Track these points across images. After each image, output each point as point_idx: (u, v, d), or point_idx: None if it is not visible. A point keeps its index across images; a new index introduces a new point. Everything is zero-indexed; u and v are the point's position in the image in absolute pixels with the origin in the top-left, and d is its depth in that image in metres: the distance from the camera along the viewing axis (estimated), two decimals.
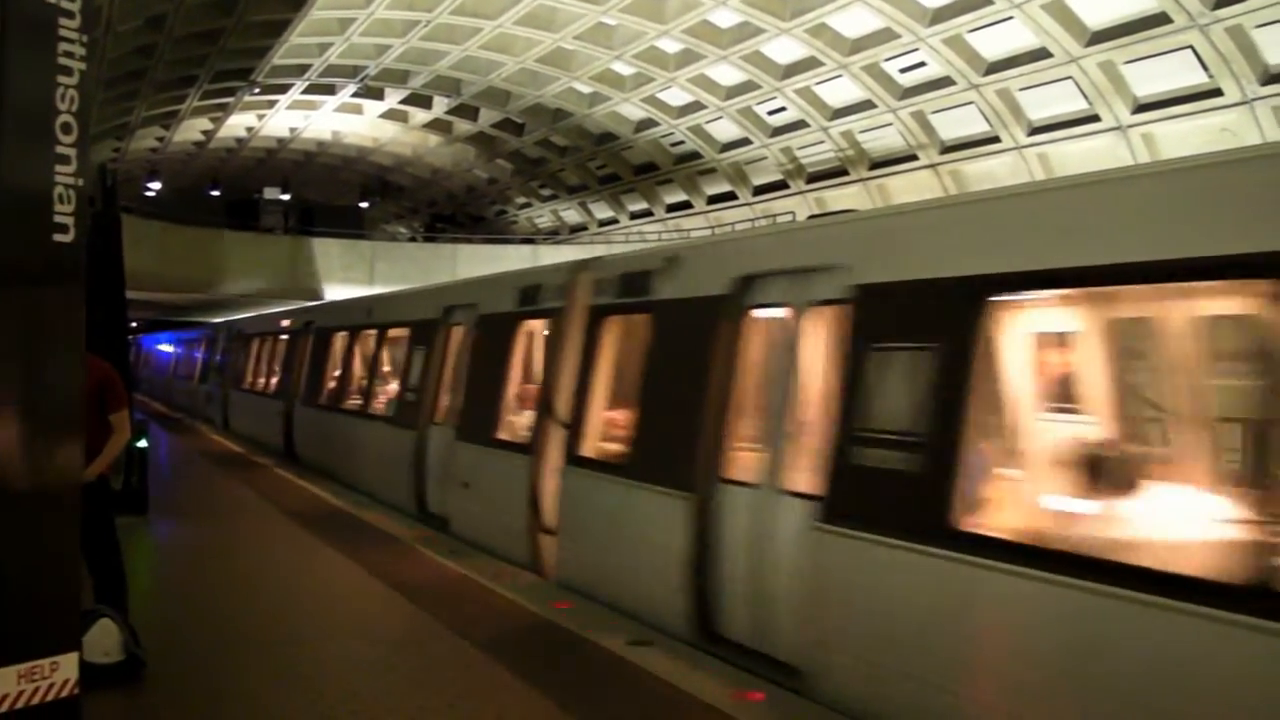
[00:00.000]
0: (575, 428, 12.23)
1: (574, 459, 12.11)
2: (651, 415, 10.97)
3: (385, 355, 21.02)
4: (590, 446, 12.08)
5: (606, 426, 12.28)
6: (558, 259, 41.44)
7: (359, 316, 22.28)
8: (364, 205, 63.81)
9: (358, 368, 22.24)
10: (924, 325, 7.71)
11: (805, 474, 8.72)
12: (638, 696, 8.17)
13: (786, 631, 8.54)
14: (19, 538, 5.44)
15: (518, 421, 14.38)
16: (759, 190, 44.43)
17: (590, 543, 11.71)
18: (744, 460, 9.62)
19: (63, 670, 5.58)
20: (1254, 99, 26.86)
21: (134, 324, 58.10)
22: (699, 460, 9.85)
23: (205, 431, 32.25)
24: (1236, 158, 6.59)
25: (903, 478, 7.51)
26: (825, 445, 8.34)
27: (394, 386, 19.31)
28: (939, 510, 7.11)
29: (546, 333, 14.08)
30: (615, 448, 11.78)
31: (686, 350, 10.41)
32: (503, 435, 14.18)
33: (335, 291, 44.42)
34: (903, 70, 34.08)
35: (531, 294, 14.20)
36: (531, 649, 9.50)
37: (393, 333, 20.28)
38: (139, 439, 15.43)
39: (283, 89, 45.12)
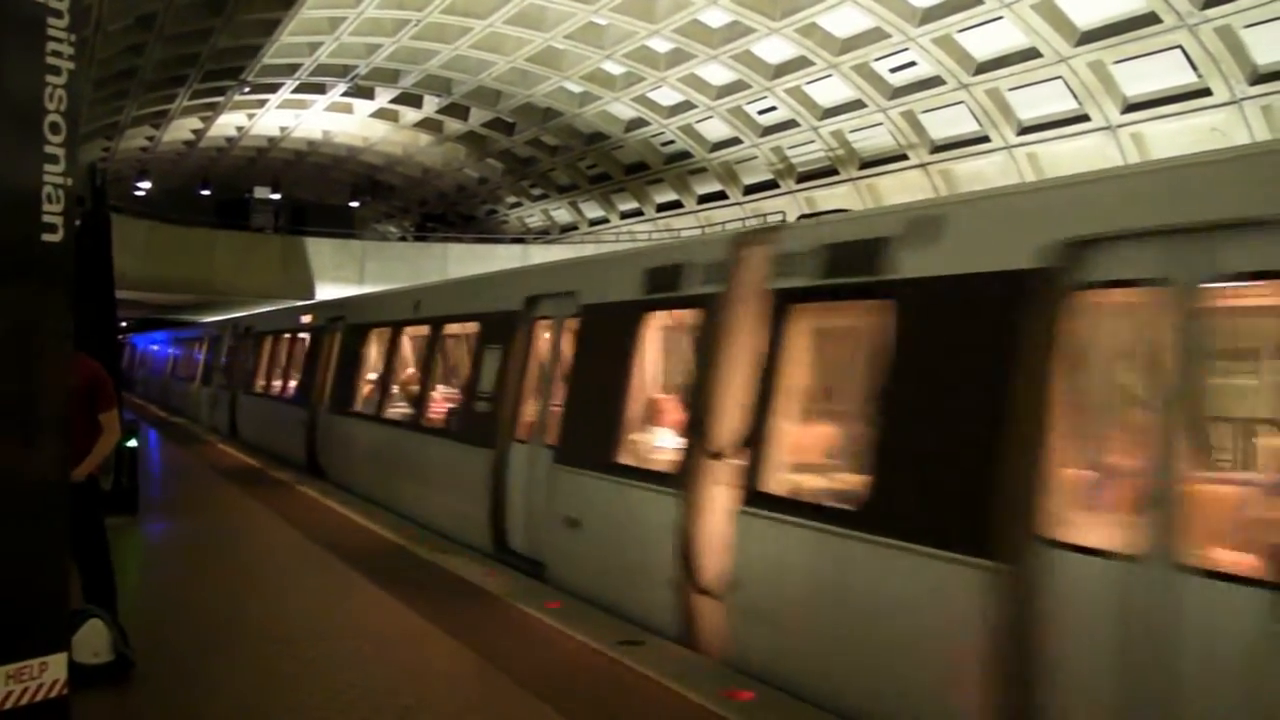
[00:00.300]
0: (756, 454, 8.91)
1: (757, 497, 8.72)
2: (898, 438, 7.58)
3: (442, 356, 17.80)
4: (783, 480, 8.89)
5: (808, 453, 9.51)
6: (548, 259, 41.49)
7: (403, 310, 18.65)
8: (355, 204, 63.76)
9: (404, 370, 19.31)
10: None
11: None
12: None
13: None
14: (7, 538, 5.43)
15: (651, 444, 11.12)
16: (749, 190, 44.46)
17: (789, 616, 8.34)
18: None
19: (51, 671, 5.56)
20: (1243, 99, 26.92)
21: (125, 323, 57.96)
22: (995, 503, 6.63)
23: (211, 440, 28.77)
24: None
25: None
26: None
27: (458, 394, 16.09)
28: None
29: (696, 327, 10.20)
30: (827, 483, 8.85)
31: (958, 348, 7.43)
32: (629, 461, 10.77)
33: (326, 291, 44.36)
34: (893, 70, 34.12)
35: (667, 276, 10.72)
36: None
37: (452, 329, 17.08)
38: (128, 439, 15.37)
39: (273, 88, 45.06)
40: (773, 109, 39.25)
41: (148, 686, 8.26)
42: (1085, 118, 30.72)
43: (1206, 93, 27.60)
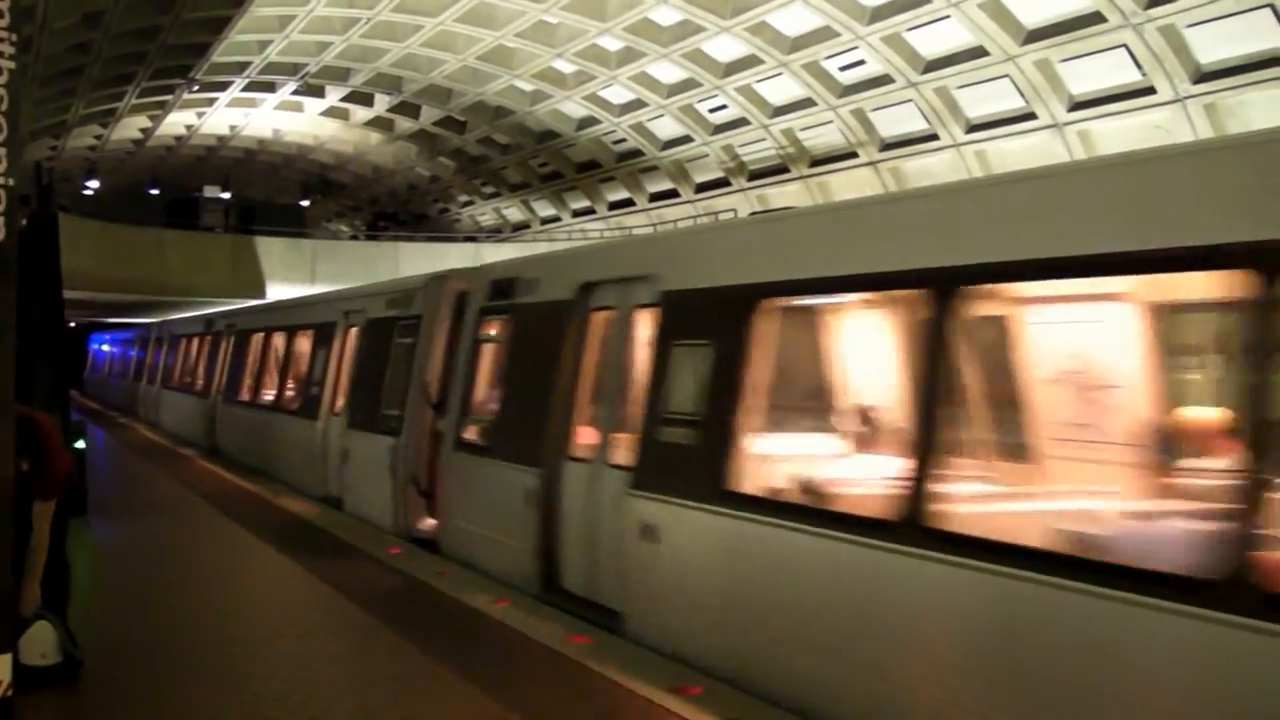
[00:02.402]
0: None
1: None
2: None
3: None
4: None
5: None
6: (500, 257, 41.44)
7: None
8: (305, 203, 63.49)
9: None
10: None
11: None
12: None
13: None
14: None
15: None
16: (701, 188, 44.55)
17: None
18: None
19: None
20: (1186, 97, 27.23)
21: (74, 323, 57.43)
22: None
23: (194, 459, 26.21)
24: None
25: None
26: None
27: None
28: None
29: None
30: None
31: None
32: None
33: (277, 291, 44.13)
34: (842, 68, 34.28)
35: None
36: None
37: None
38: (76, 439, 15.31)
39: (222, 86, 44.80)
40: (723, 107, 39.35)
41: (98, 688, 8.25)
42: (1032, 116, 30.98)
43: (1151, 91, 27.89)
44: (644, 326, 10.66)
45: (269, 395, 23.51)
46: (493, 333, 13.70)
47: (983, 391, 8.34)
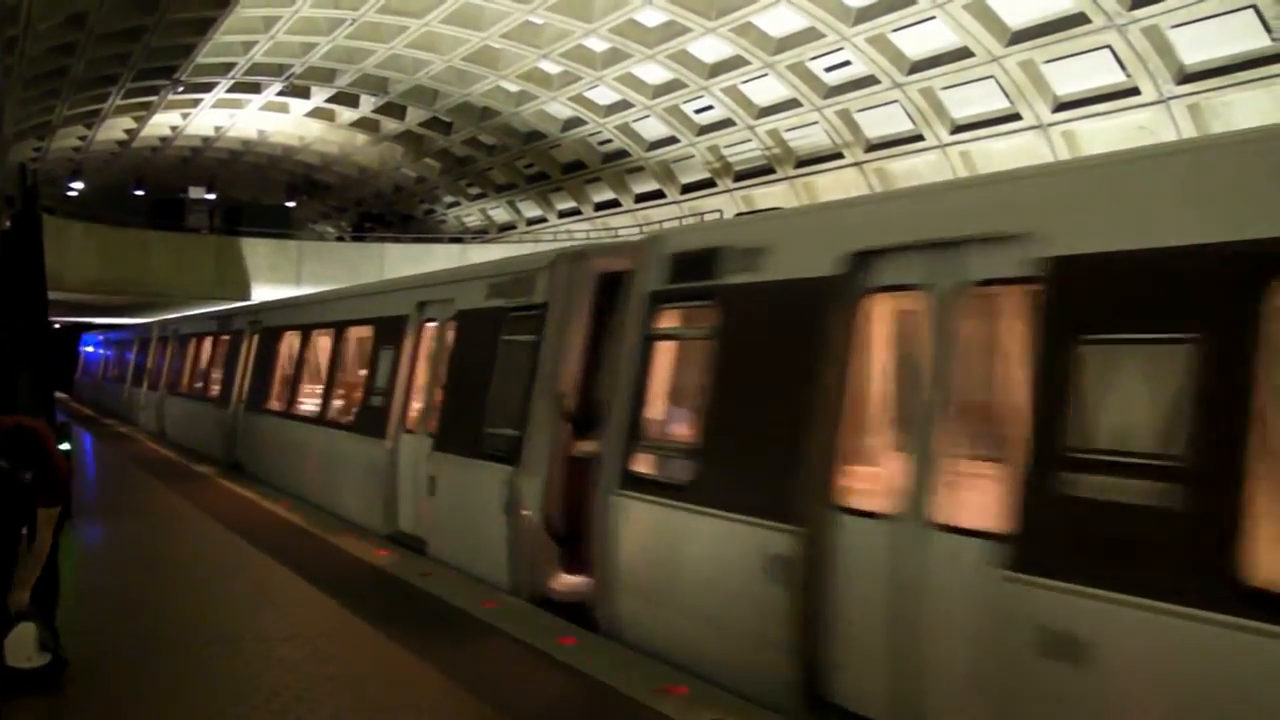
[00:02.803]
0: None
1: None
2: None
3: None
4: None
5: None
6: (486, 258, 41.42)
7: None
8: (291, 204, 63.33)
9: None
10: None
11: None
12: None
13: None
14: None
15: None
16: (687, 189, 44.56)
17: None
18: None
19: None
20: (1170, 98, 27.31)
21: (59, 323, 57.21)
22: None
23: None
24: None
25: None
26: None
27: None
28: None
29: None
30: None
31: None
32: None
33: (263, 292, 44.04)
34: (828, 69, 34.32)
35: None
36: None
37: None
38: (61, 442, 15.24)
39: (207, 87, 44.69)
40: (709, 108, 39.38)
41: (83, 690, 8.22)
42: (1017, 116, 31.04)
43: (1135, 92, 27.97)
44: (982, 314, 7.56)
45: (310, 406, 19.81)
46: (678, 326, 10.12)
47: None
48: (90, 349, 57.70)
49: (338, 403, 18.54)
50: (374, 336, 16.89)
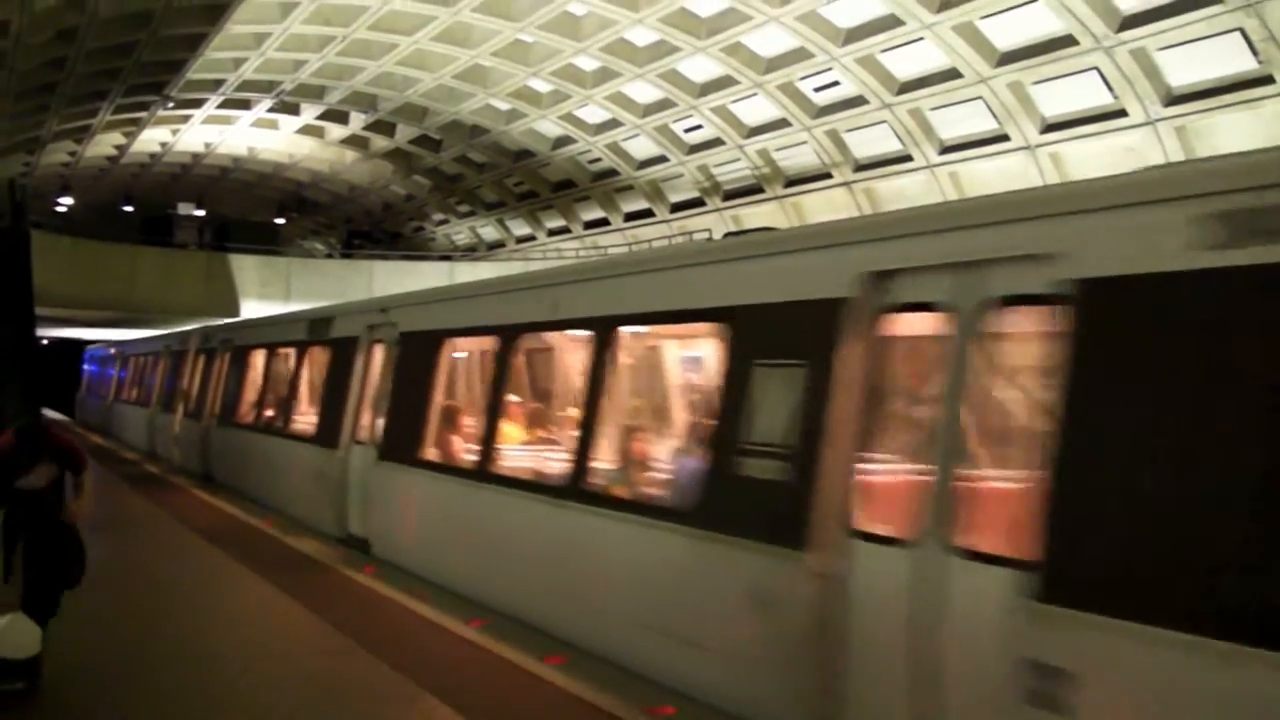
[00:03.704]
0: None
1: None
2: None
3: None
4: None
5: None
6: (475, 277, 41.45)
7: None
8: (280, 221, 63.29)
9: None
10: None
11: None
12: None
13: None
14: None
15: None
16: (676, 207, 44.62)
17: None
18: None
19: None
20: (1157, 119, 27.43)
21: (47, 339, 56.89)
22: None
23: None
24: None
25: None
26: None
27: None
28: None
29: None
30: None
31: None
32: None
33: (252, 308, 44.01)
34: (817, 89, 34.41)
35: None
36: None
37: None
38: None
39: (197, 104, 44.70)
40: (699, 127, 39.46)
41: (65, 711, 8.19)
42: (1005, 137, 31.14)
43: (1122, 114, 28.10)
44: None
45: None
46: None
47: None
48: (97, 365, 49.57)
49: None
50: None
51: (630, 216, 47.13)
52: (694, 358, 12.66)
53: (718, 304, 9.43)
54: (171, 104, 43.48)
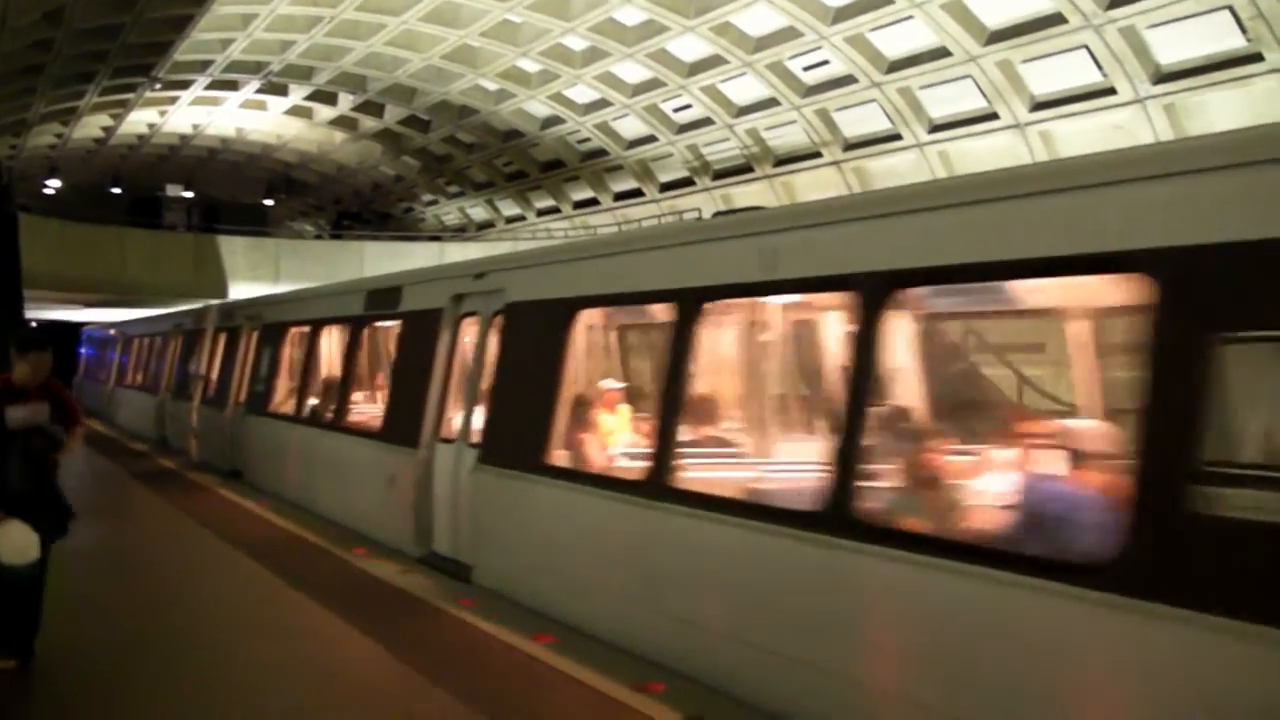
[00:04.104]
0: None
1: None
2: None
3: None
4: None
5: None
6: (464, 257, 41.36)
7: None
8: (269, 203, 63.15)
9: None
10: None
11: None
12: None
13: None
14: None
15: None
16: (665, 187, 44.58)
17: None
18: None
19: None
20: (1146, 98, 27.45)
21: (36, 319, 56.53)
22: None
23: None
24: None
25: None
26: None
27: None
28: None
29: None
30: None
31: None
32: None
33: (240, 290, 43.92)
34: (806, 68, 34.38)
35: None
36: None
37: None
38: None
39: (185, 85, 44.55)
40: (688, 107, 39.40)
41: (60, 698, 8.17)
42: (994, 116, 31.14)
43: (1111, 91, 28.10)
44: None
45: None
46: None
47: None
48: (95, 348, 46.05)
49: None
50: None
51: (620, 196, 47.09)
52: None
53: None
54: (159, 85, 43.33)
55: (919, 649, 6.85)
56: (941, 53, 30.41)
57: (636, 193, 45.99)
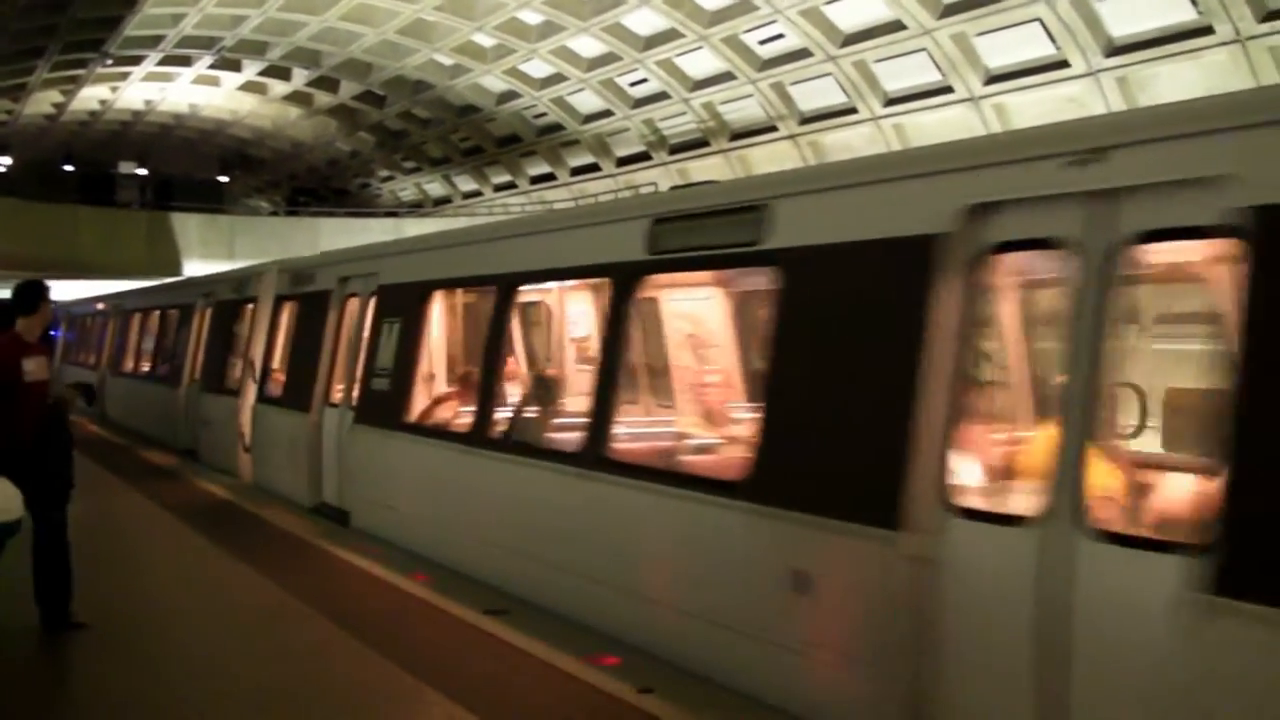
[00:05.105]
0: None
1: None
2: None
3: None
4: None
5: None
6: (421, 232, 41.12)
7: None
8: (224, 179, 62.69)
9: None
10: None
11: None
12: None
13: None
14: None
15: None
16: (622, 161, 44.53)
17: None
18: None
19: None
20: (1099, 70, 27.59)
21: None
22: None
23: None
24: None
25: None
26: None
27: None
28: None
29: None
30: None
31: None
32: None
33: (194, 268, 43.59)
34: (762, 42, 34.40)
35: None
36: None
37: None
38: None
39: (136, 60, 44.16)
40: (644, 81, 39.34)
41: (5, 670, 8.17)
42: (949, 89, 31.24)
43: (1065, 64, 28.24)
44: None
45: None
46: None
47: None
48: (77, 331, 37.12)
49: None
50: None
51: (576, 171, 47.02)
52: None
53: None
54: (110, 61, 42.95)
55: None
56: (896, 26, 30.46)
57: (593, 167, 45.94)
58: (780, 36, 33.52)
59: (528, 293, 12.39)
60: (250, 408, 18.12)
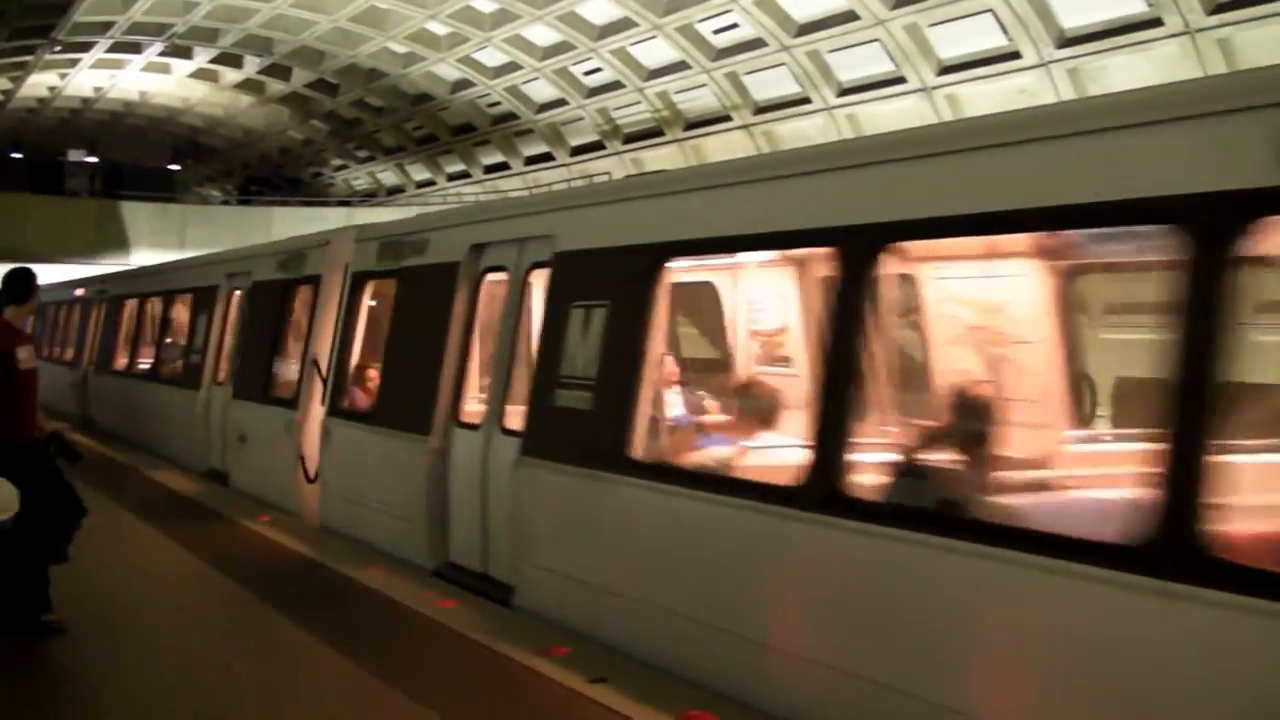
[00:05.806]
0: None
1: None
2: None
3: None
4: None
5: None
6: (376, 220, 40.89)
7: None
8: (175, 168, 62.18)
9: None
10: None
11: None
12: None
13: None
14: None
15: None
16: (576, 151, 44.48)
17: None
18: None
19: None
20: (1050, 61, 27.76)
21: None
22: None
23: None
24: None
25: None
26: None
27: None
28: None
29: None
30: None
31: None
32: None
33: (143, 257, 43.23)
34: (716, 31, 34.39)
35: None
36: None
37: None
38: None
39: (85, 47, 43.75)
40: (598, 70, 39.29)
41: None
42: (902, 80, 31.35)
43: (1016, 55, 28.39)
44: None
45: None
46: None
47: None
48: (49, 324, 32.23)
49: None
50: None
51: (530, 160, 46.92)
52: None
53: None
54: (58, 47, 42.51)
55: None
56: (850, 16, 30.53)
57: (547, 156, 45.85)
58: (735, 26, 33.53)
59: (914, 254, 7.87)
60: (318, 423, 13.86)
